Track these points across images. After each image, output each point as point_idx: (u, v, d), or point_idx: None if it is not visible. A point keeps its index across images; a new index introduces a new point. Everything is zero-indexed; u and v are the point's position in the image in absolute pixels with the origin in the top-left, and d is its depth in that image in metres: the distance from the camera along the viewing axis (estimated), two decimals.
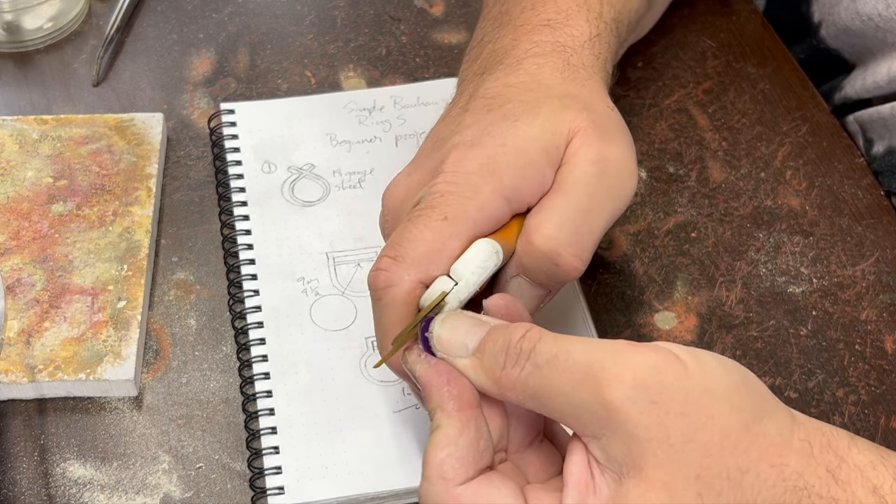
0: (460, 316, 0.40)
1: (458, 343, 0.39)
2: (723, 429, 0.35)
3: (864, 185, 0.65)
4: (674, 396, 0.35)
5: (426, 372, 0.39)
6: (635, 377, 0.35)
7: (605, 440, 0.35)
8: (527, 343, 0.37)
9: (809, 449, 0.36)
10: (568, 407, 0.36)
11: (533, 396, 0.37)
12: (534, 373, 0.36)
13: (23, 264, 0.56)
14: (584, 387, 0.35)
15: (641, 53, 0.72)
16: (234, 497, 0.50)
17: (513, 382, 0.37)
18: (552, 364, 0.36)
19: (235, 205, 0.60)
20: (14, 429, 0.52)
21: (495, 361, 0.37)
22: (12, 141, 0.62)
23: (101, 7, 0.73)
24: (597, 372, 0.35)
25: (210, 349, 0.55)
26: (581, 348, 0.36)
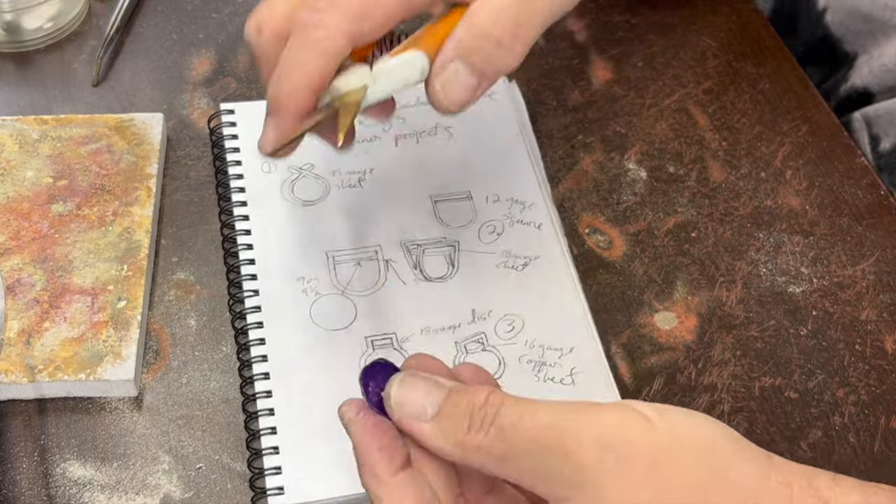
0: (417, 378, 0.39)
1: (416, 406, 0.38)
2: (694, 481, 0.34)
3: (865, 184, 0.65)
4: (641, 453, 0.35)
5: (360, 432, 0.38)
6: (602, 436, 0.35)
7: (575, 501, 0.35)
8: (490, 407, 0.36)
9: (789, 492, 0.35)
10: (534, 470, 0.35)
11: (498, 460, 0.36)
12: (498, 436, 0.36)
13: (23, 264, 0.56)
14: (551, 448, 0.35)
15: (641, 53, 0.73)
16: (234, 497, 0.50)
17: (476, 446, 0.36)
18: (517, 427, 0.35)
19: (235, 205, 0.60)
20: (14, 429, 0.52)
21: (458, 426, 0.36)
22: (12, 141, 0.62)
23: (101, 7, 0.73)
24: (562, 433, 0.35)
25: (210, 349, 0.55)
26: (545, 410, 0.36)
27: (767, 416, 0.54)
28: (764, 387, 0.55)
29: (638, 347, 0.56)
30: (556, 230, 0.60)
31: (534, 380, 0.53)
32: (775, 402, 0.55)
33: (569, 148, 0.66)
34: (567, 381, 0.53)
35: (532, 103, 0.68)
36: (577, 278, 0.58)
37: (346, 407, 0.40)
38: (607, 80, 0.71)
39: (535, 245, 0.59)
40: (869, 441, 0.53)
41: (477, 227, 0.60)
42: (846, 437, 0.54)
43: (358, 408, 0.39)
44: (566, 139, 0.67)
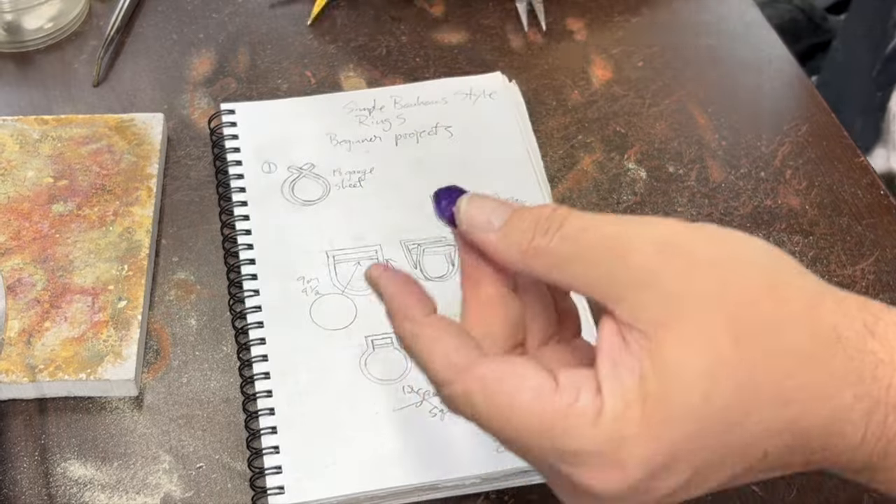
0: (486, 197, 0.40)
1: (483, 219, 0.39)
2: (758, 282, 0.35)
3: (864, 184, 0.65)
4: (702, 254, 0.35)
5: (391, 283, 0.39)
6: (665, 240, 0.35)
7: (633, 300, 0.34)
8: (556, 217, 0.37)
9: (845, 306, 0.35)
10: (596, 271, 0.35)
11: (560, 264, 0.36)
12: (563, 241, 0.36)
13: (23, 264, 0.56)
14: (614, 250, 0.35)
15: (641, 53, 0.73)
16: (235, 497, 0.50)
17: (541, 251, 0.36)
18: (582, 234, 0.36)
19: (235, 205, 0.60)
20: (14, 429, 0.52)
21: (523, 235, 0.37)
22: (13, 141, 0.62)
23: (101, 7, 0.73)
24: (625, 237, 0.35)
25: (210, 349, 0.55)
26: (609, 219, 0.36)
27: None
28: None
29: None
30: None
31: None
32: None
33: (569, 148, 0.66)
34: None
35: (532, 103, 0.68)
36: None
37: (372, 268, 0.41)
38: (607, 80, 0.71)
39: None
40: None
41: None
42: None
43: (384, 266, 0.40)
44: (566, 139, 0.67)
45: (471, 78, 0.69)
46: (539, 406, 0.34)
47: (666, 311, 0.34)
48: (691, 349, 0.33)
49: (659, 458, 0.33)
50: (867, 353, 0.34)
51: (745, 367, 0.33)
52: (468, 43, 0.73)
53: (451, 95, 0.67)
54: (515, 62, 0.71)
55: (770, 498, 0.51)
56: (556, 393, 0.34)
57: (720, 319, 0.34)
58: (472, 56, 0.72)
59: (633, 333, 0.34)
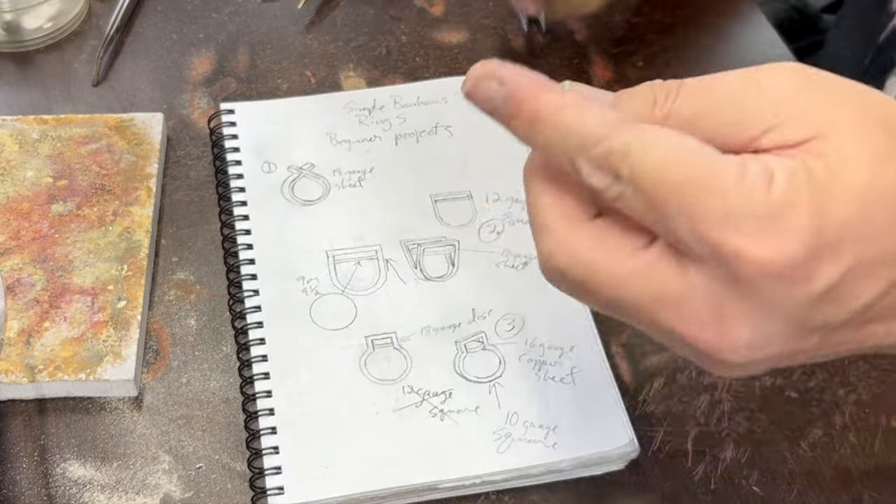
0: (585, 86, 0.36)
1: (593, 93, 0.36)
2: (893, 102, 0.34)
3: None
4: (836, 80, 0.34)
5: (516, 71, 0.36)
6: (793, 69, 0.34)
7: (779, 125, 0.33)
8: (671, 83, 0.34)
9: None
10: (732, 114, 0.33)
11: (691, 120, 0.34)
12: (689, 97, 0.34)
13: (23, 264, 0.56)
14: (748, 88, 0.34)
15: (641, 53, 0.73)
16: (234, 497, 0.50)
17: (666, 114, 0.34)
18: (705, 84, 0.34)
19: (235, 205, 0.60)
20: (14, 429, 0.52)
21: (642, 102, 0.34)
22: (12, 141, 0.62)
23: (100, 7, 0.73)
24: (756, 78, 0.34)
25: (210, 349, 0.55)
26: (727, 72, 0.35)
27: (768, 415, 0.54)
28: (764, 386, 0.55)
29: (638, 347, 0.56)
30: None
31: (534, 379, 0.53)
32: (776, 402, 0.55)
33: None
34: (567, 380, 0.53)
35: None
36: None
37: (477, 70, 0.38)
38: (607, 80, 0.71)
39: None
40: (869, 440, 0.53)
41: (477, 226, 0.60)
42: (846, 436, 0.53)
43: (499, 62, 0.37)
44: None
45: None
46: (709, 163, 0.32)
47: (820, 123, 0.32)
48: (852, 144, 0.32)
49: (825, 234, 0.31)
50: None
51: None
52: (468, 43, 0.73)
53: (451, 95, 0.67)
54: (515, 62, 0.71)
55: (770, 498, 0.51)
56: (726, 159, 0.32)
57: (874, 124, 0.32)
58: (472, 56, 0.71)
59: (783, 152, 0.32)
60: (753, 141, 0.33)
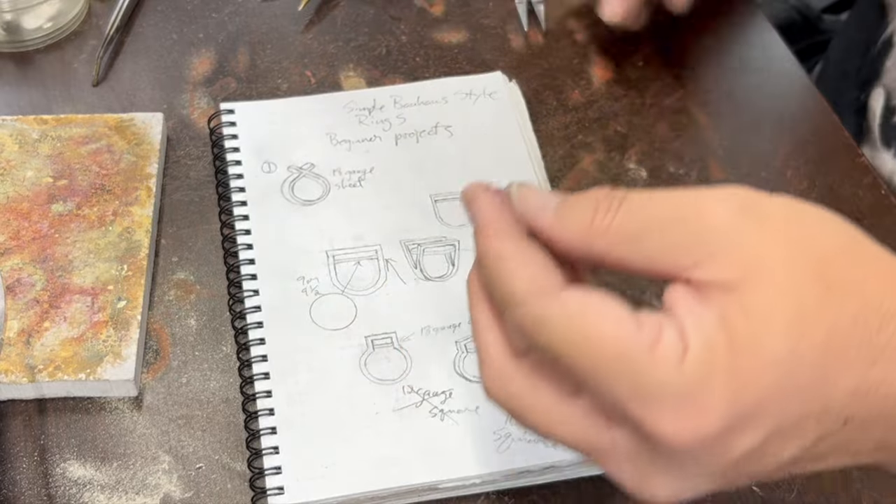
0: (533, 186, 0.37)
1: (540, 199, 0.36)
2: (834, 239, 0.34)
3: (865, 184, 0.65)
4: (778, 213, 0.34)
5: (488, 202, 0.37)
6: (739, 200, 0.34)
7: (708, 264, 0.33)
8: (617, 194, 0.35)
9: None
10: (666, 240, 0.33)
11: (627, 238, 0.34)
12: (628, 214, 0.34)
13: (23, 264, 0.56)
14: (683, 216, 0.33)
15: (642, 53, 0.73)
16: (234, 497, 0.50)
17: (605, 228, 0.34)
18: (646, 205, 0.34)
19: (235, 204, 0.60)
20: (14, 429, 0.52)
21: (584, 213, 0.35)
22: (12, 141, 0.62)
23: (100, 7, 0.73)
24: (696, 202, 0.34)
25: (210, 349, 0.55)
26: (672, 192, 0.35)
27: None
28: None
29: None
30: None
31: None
32: None
33: (569, 148, 0.66)
34: None
35: (532, 103, 0.68)
36: None
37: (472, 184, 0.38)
38: (607, 79, 0.71)
39: None
40: None
41: None
42: None
43: (486, 185, 0.38)
44: (566, 139, 0.67)
45: (471, 78, 0.69)
46: (622, 337, 0.32)
47: (748, 266, 0.32)
48: (777, 298, 0.32)
49: (742, 407, 0.31)
50: None
51: (833, 318, 0.32)
52: (468, 43, 0.73)
53: (451, 95, 0.67)
54: (515, 62, 0.71)
55: (770, 498, 0.51)
56: (640, 328, 0.32)
57: (805, 273, 0.32)
58: (472, 56, 0.71)
59: (712, 290, 0.32)
60: (685, 270, 0.33)
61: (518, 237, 0.36)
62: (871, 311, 0.32)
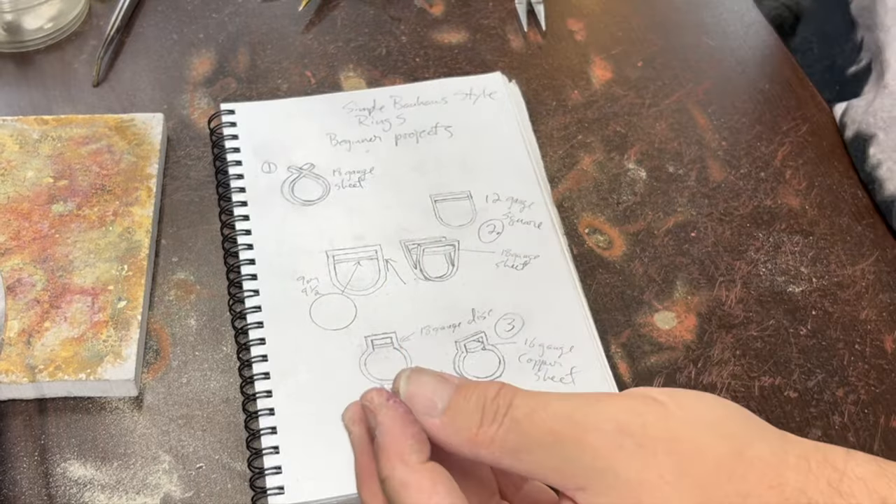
0: (424, 373, 0.37)
1: (426, 401, 0.36)
2: (715, 459, 0.34)
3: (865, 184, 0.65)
4: (659, 436, 0.34)
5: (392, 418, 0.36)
6: (617, 423, 0.34)
7: (592, 490, 0.34)
8: (503, 399, 0.35)
9: (807, 465, 0.35)
10: (550, 460, 0.35)
11: (512, 452, 0.35)
12: (513, 428, 0.35)
13: (23, 264, 0.56)
14: (566, 438, 0.34)
15: (641, 53, 0.73)
16: (235, 497, 0.50)
17: (490, 440, 0.35)
18: (531, 418, 0.35)
19: (235, 205, 0.60)
20: (14, 429, 0.52)
21: (470, 420, 0.35)
22: (13, 141, 0.62)
23: (101, 7, 0.73)
24: (578, 422, 0.34)
25: (210, 349, 0.55)
26: (559, 402, 0.35)
27: (767, 415, 0.54)
28: (763, 386, 0.55)
29: (638, 347, 0.56)
30: (556, 229, 0.60)
31: (533, 378, 0.53)
32: (775, 402, 0.55)
33: (569, 148, 0.66)
34: (567, 380, 0.53)
35: (532, 103, 0.68)
36: (577, 277, 0.58)
37: (374, 392, 0.38)
38: (607, 80, 0.71)
39: (535, 244, 0.59)
40: (868, 440, 0.53)
41: (477, 226, 0.60)
42: (846, 436, 0.54)
43: (388, 395, 0.38)
44: (566, 139, 0.67)
45: (471, 78, 0.69)
46: None
47: (628, 499, 0.34)
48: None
49: None
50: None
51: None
52: (468, 43, 0.73)
53: (451, 95, 0.67)
54: (515, 62, 0.71)
55: None
56: None
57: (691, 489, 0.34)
58: (472, 56, 0.72)
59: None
60: (568, 491, 0.35)
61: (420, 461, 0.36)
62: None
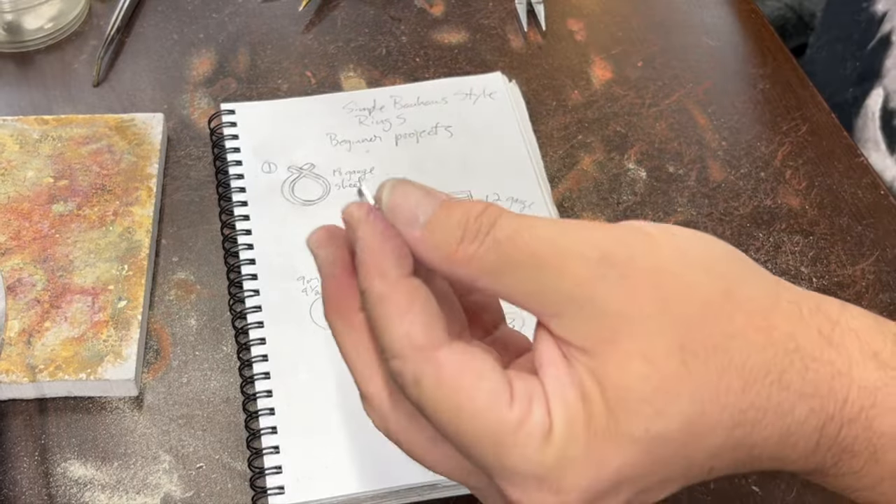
0: (410, 184, 0.35)
1: (408, 212, 0.34)
2: (703, 297, 0.33)
3: (864, 184, 0.65)
4: (643, 268, 0.33)
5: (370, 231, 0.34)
6: (602, 252, 0.32)
7: (569, 318, 0.32)
8: (486, 218, 0.33)
9: (798, 311, 0.34)
10: (527, 285, 0.33)
11: (490, 273, 0.33)
12: (493, 248, 0.33)
13: (23, 264, 0.56)
14: (547, 263, 0.32)
15: (641, 53, 0.73)
16: (235, 497, 0.50)
17: (469, 258, 0.33)
18: (514, 239, 0.33)
19: (236, 205, 0.60)
20: (14, 429, 0.52)
21: (451, 235, 0.33)
22: (13, 141, 0.62)
23: (101, 7, 0.73)
24: (562, 248, 0.33)
25: (210, 349, 0.55)
26: (544, 226, 0.33)
27: None
28: None
29: None
30: None
31: None
32: None
33: (569, 148, 0.66)
34: None
35: (532, 103, 0.68)
36: None
37: (354, 206, 0.35)
38: (607, 80, 0.71)
39: None
40: None
41: None
42: None
43: (369, 209, 0.35)
44: (566, 139, 0.67)
45: (471, 78, 0.69)
46: (492, 414, 0.32)
47: (606, 329, 0.32)
48: (635, 372, 0.32)
49: (601, 486, 0.32)
50: (824, 362, 0.33)
51: (693, 388, 0.32)
52: (468, 43, 0.73)
53: (451, 95, 0.67)
54: (515, 62, 0.71)
55: (769, 497, 0.51)
56: (511, 404, 0.32)
57: (665, 340, 0.32)
58: (472, 56, 0.72)
59: (571, 350, 0.33)
60: (547, 318, 0.33)
61: (400, 276, 0.34)
62: (735, 372, 0.32)
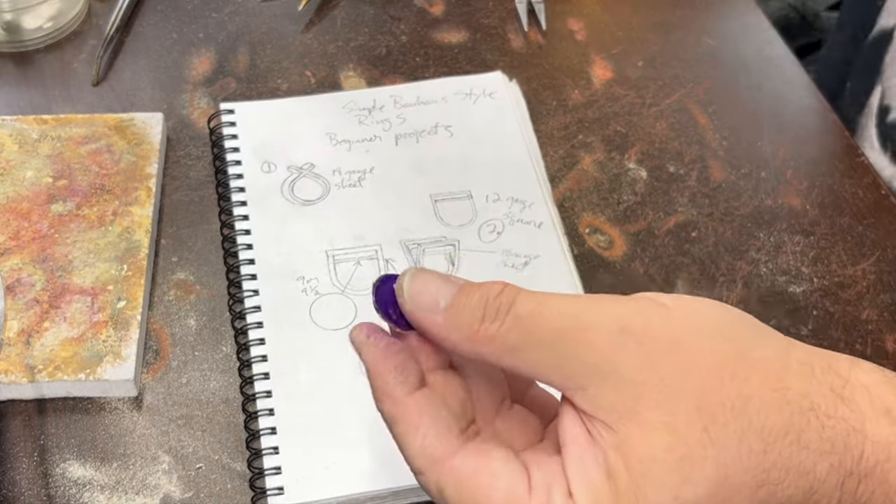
0: (429, 272, 0.37)
1: (429, 298, 0.36)
2: (717, 361, 0.34)
3: (865, 184, 0.65)
4: (661, 337, 0.34)
5: (373, 354, 0.37)
6: (621, 323, 0.34)
7: (593, 390, 0.34)
8: (505, 297, 0.35)
9: (811, 370, 0.35)
10: (550, 359, 0.34)
11: (512, 350, 0.35)
12: (515, 325, 0.34)
13: (22, 264, 0.56)
14: (569, 336, 0.34)
15: (642, 53, 0.73)
16: (234, 497, 0.50)
17: (491, 336, 0.35)
18: (534, 316, 0.34)
19: (235, 204, 0.60)
20: (14, 429, 0.52)
21: (472, 316, 0.35)
22: (12, 141, 0.62)
23: (100, 7, 0.73)
24: (580, 321, 0.34)
25: (210, 349, 0.55)
26: (563, 301, 0.35)
27: None
28: None
29: None
30: (557, 229, 0.60)
31: None
32: None
33: (569, 147, 0.66)
34: None
35: (532, 103, 0.68)
36: (578, 278, 0.58)
37: (356, 330, 0.38)
38: (607, 79, 0.71)
39: (536, 244, 0.59)
40: None
41: (477, 226, 0.60)
42: None
43: (369, 330, 0.38)
44: (566, 139, 0.67)
45: (471, 77, 0.69)
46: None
47: (628, 400, 0.33)
48: (658, 442, 0.33)
49: None
50: (838, 419, 0.34)
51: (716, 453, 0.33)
52: (468, 43, 0.73)
53: (451, 95, 0.67)
54: (515, 62, 0.71)
55: None
56: (529, 494, 0.34)
57: (685, 407, 0.33)
58: (472, 56, 0.71)
59: (595, 425, 0.34)
60: (568, 391, 0.35)
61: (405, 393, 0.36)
62: (754, 434, 0.33)
